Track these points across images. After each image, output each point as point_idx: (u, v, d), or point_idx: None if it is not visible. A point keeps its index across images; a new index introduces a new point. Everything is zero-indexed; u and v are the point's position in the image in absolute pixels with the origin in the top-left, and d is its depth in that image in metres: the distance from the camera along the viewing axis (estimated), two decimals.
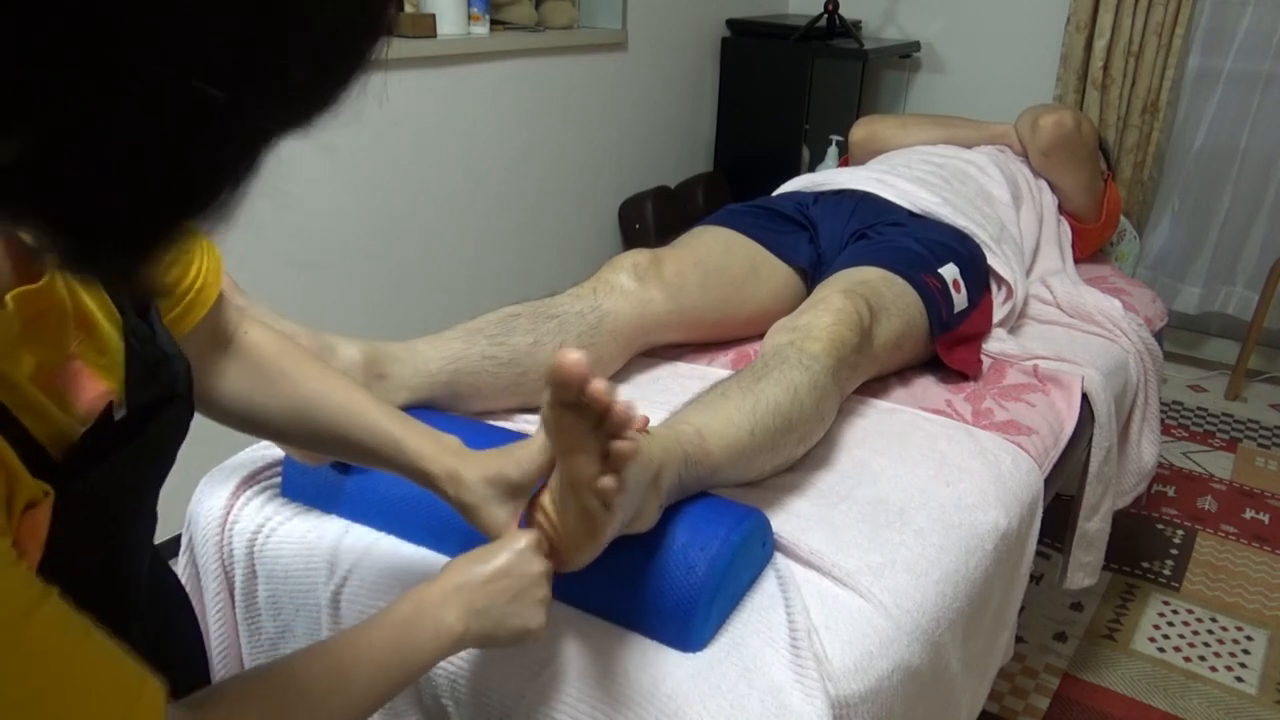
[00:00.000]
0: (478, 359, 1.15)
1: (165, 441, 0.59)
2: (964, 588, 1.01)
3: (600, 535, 0.75)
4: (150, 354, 0.58)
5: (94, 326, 0.54)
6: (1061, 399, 1.41)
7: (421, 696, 0.90)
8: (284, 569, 1.02)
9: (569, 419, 0.69)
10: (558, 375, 0.66)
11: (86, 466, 0.51)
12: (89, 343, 0.54)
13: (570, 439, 0.70)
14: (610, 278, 1.32)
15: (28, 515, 0.46)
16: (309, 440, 0.80)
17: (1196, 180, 2.97)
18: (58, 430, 0.50)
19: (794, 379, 1.08)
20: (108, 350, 0.55)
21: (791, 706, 0.80)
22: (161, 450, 0.59)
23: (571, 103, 2.62)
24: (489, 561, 0.72)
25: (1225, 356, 3.07)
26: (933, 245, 1.50)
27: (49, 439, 0.49)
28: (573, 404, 0.68)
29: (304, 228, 2.02)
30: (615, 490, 0.70)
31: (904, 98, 3.34)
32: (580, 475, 0.71)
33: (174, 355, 0.60)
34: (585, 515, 0.73)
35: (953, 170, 1.80)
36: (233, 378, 0.76)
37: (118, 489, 0.55)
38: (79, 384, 0.53)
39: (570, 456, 0.71)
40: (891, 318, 1.31)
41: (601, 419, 0.69)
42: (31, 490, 0.46)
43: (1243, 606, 1.94)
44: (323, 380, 0.79)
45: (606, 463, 0.70)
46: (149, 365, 0.57)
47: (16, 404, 0.47)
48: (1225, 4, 2.80)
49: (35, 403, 0.49)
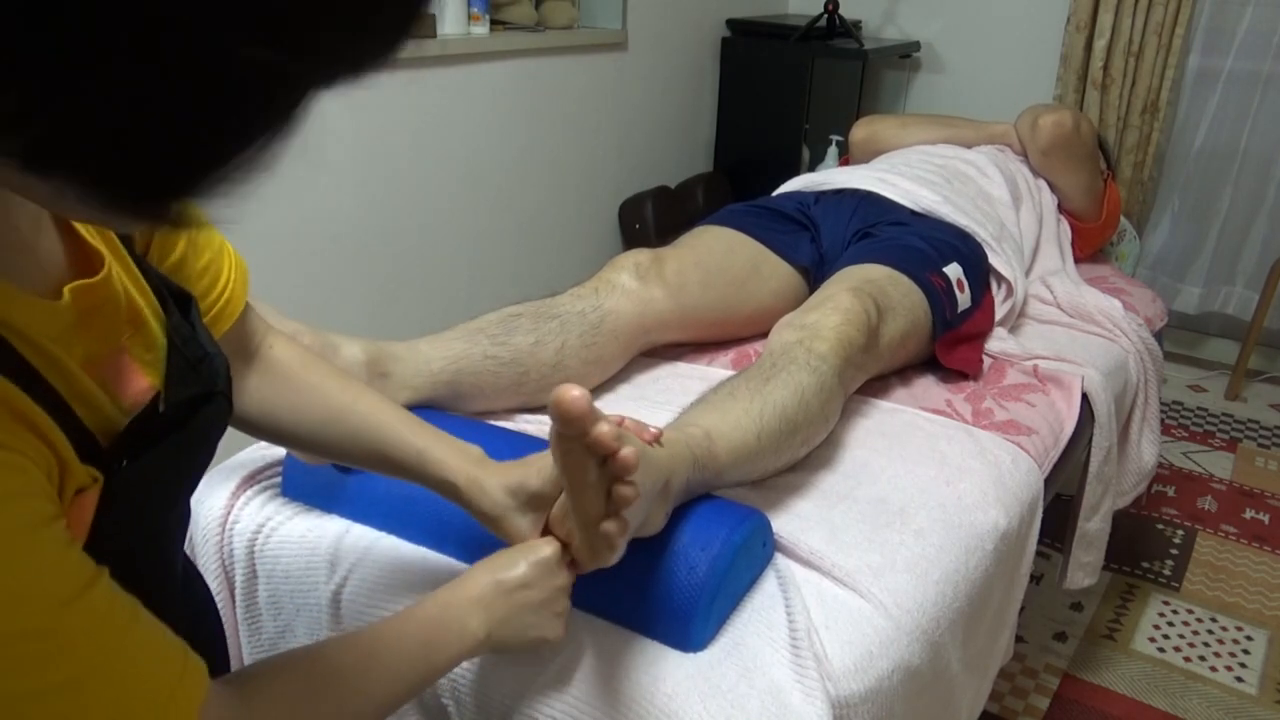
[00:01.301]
0: (479, 359, 1.15)
1: (207, 435, 0.60)
2: (964, 588, 1.01)
3: (606, 563, 0.76)
4: (191, 351, 0.60)
5: (143, 323, 0.56)
6: (1061, 399, 1.42)
7: (422, 696, 0.90)
8: (284, 569, 1.02)
9: (575, 453, 0.69)
10: (558, 411, 0.66)
11: (133, 455, 0.52)
12: (137, 338, 0.56)
13: (576, 473, 0.70)
14: (612, 277, 1.32)
15: (77, 500, 0.48)
16: (333, 452, 0.82)
17: (1196, 180, 2.97)
18: (106, 419, 0.52)
19: (801, 381, 1.08)
20: (154, 347, 0.57)
21: (791, 706, 0.80)
22: (203, 443, 0.60)
23: (571, 103, 2.62)
24: (512, 570, 0.73)
25: (1225, 356, 3.07)
26: (937, 244, 1.50)
27: (97, 428, 0.51)
28: (577, 439, 0.68)
29: (305, 227, 2.02)
30: (617, 533, 0.71)
31: (904, 98, 3.34)
32: (586, 512, 0.72)
33: (214, 353, 0.62)
34: (591, 546, 0.74)
35: (953, 171, 1.80)
36: (257, 389, 0.77)
37: (160, 478, 0.56)
38: (126, 377, 0.55)
39: (576, 492, 0.72)
40: (898, 317, 1.31)
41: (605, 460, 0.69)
42: (81, 477, 0.48)
43: (1243, 606, 1.94)
44: (347, 393, 0.81)
45: (609, 504, 0.71)
46: (190, 362, 0.59)
47: (69, 392, 0.49)
48: (1225, 4, 2.80)
49: (87, 392, 0.51)
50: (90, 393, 0.51)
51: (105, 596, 0.46)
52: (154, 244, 0.63)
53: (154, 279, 0.59)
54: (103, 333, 0.53)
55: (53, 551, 0.44)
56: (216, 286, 0.70)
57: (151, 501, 0.57)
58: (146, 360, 0.56)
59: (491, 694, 0.85)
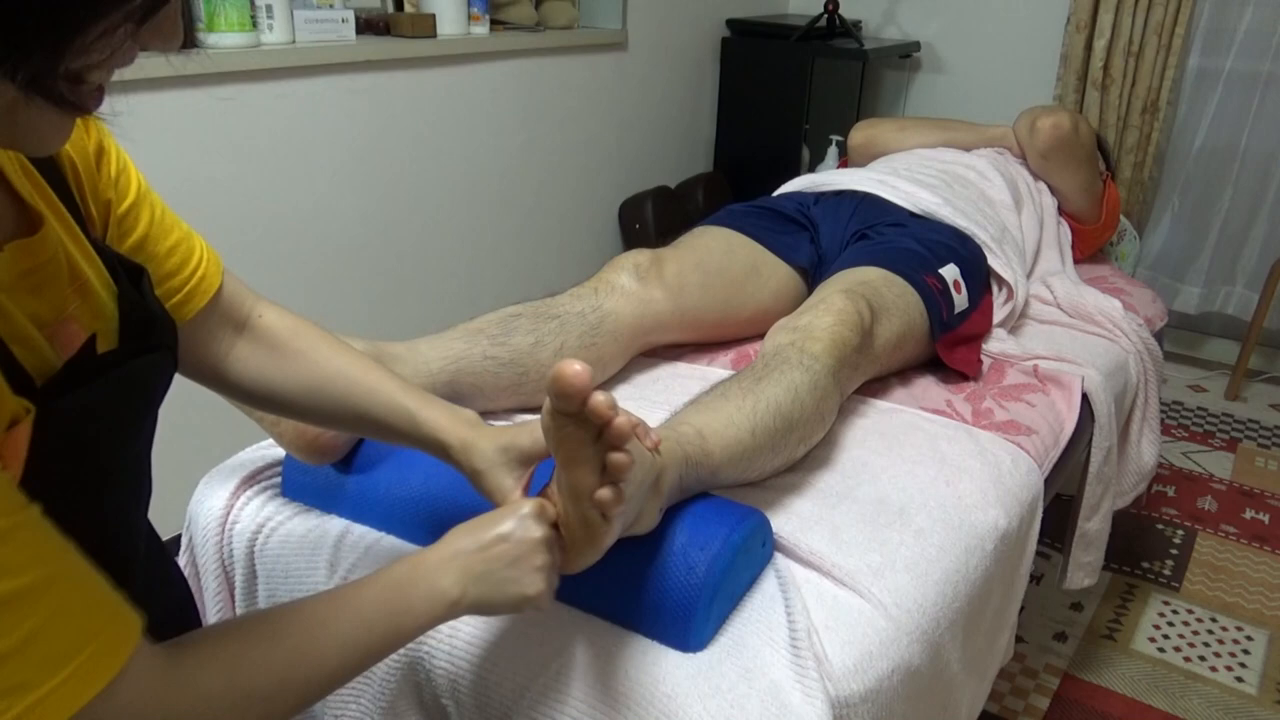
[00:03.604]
0: (479, 359, 1.15)
1: (146, 382, 0.60)
2: (964, 588, 1.01)
3: (600, 543, 0.75)
4: (139, 316, 0.61)
5: (90, 291, 0.57)
6: (1061, 399, 1.42)
7: (421, 696, 0.90)
8: (284, 569, 1.02)
9: (569, 429, 0.69)
10: (558, 386, 0.66)
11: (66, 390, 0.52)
12: (84, 306, 0.57)
13: (570, 448, 0.70)
14: (611, 278, 1.32)
15: (10, 433, 0.47)
16: (327, 416, 0.83)
17: (1196, 180, 2.97)
18: (44, 362, 0.52)
19: (794, 379, 1.09)
20: (103, 314, 0.58)
21: (791, 706, 0.80)
22: (142, 389, 0.60)
23: (571, 103, 2.62)
24: (489, 528, 0.71)
25: (1225, 356, 3.07)
26: (934, 246, 1.50)
27: (34, 369, 0.51)
28: (573, 414, 0.68)
29: (304, 227, 2.02)
30: (613, 502, 0.71)
31: (904, 98, 3.34)
32: (579, 485, 0.71)
33: (160, 316, 0.64)
34: (585, 523, 0.74)
35: (954, 174, 1.81)
36: (248, 358, 0.79)
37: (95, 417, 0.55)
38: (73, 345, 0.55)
39: (570, 466, 0.71)
40: (892, 318, 1.32)
41: (601, 431, 0.69)
42: (13, 407, 0.48)
43: (1243, 606, 1.94)
44: (338, 358, 0.82)
45: (605, 475, 0.70)
46: (139, 326, 0.60)
47: (7, 333, 0.50)
48: (1225, 4, 2.80)
49: (27, 335, 0.51)
50: (31, 337, 0.52)
51: (38, 524, 0.46)
52: (111, 225, 0.66)
53: (107, 255, 0.61)
54: (48, 296, 0.54)
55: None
56: (189, 265, 0.72)
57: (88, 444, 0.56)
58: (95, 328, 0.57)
59: (491, 694, 0.85)
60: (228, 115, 1.82)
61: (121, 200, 0.66)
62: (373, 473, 1.02)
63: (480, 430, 0.81)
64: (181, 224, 0.73)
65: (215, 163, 1.82)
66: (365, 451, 1.03)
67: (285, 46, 1.87)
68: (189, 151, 1.78)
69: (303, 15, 1.90)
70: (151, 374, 0.61)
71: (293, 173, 1.96)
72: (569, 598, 0.88)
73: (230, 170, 1.85)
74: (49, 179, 0.59)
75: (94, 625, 0.47)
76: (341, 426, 0.85)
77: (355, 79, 2.02)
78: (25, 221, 0.55)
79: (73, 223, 0.59)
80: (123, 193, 0.67)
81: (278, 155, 1.93)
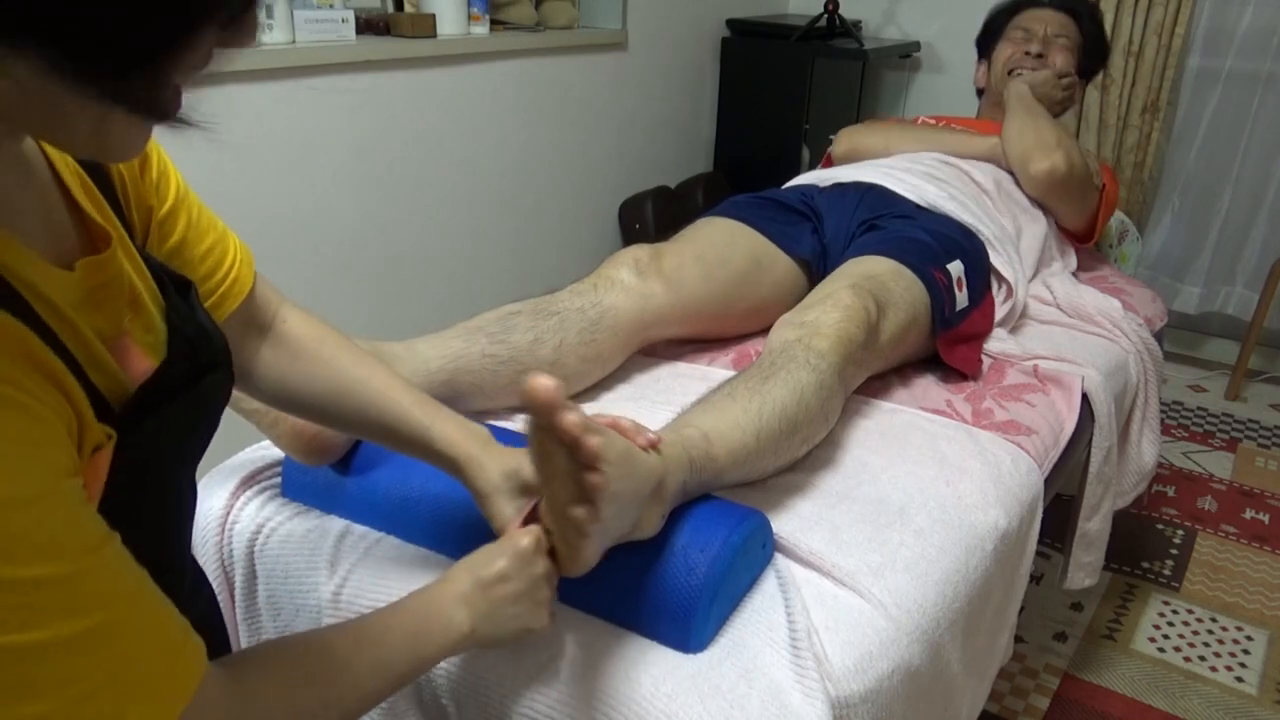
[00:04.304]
0: (478, 357, 1.15)
1: (211, 401, 0.62)
2: (964, 588, 1.01)
3: (580, 557, 0.75)
4: (189, 330, 0.61)
5: (142, 306, 0.58)
6: (1061, 399, 1.41)
7: (421, 696, 0.90)
8: (284, 569, 1.01)
9: (547, 444, 0.69)
10: (528, 400, 0.66)
11: (144, 415, 0.54)
12: (137, 321, 0.58)
13: (547, 464, 0.71)
14: (611, 273, 1.32)
15: (93, 458, 0.49)
16: (343, 422, 0.84)
17: (1196, 180, 2.97)
18: (118, 386, 0.54)
19: (801, 380, 1.08)
20: (152, 329, 0.59)
21: (791, 707, 0.80)
22: (207, 410, 0.62)
23: (571, 103, 2.62)
24: (490, 566, 0.74)
25: (1225, 356, 3.07)
26: (942, 239, 1.49)
27: (109, 393, 0.52)
28: (548, 428, 0.68)
29: (304, 228, 2.01)
30: (586, 520, 0.71)
31: (904, 98, 3.34)
32: (556, 501, 0.72)
33: (213, 331, 0.64)
34: (564, 539, 0.74)
35: (954, 172, 1.80)
36: (272, 362, 0.80)
37: (169, 440, 0.58)
38: (129, 359, 0.56)
39: (549, 482, 0.72)
40: (898, 311, 1.31)
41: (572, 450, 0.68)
42: (97, 434, 0.49)
43: (1243, 606, 1.94)
44: (359, 368, 0.83)
45: (579, 491, 0.70)
46: (189, 340, 0.61)
47: (85, 358, 0.51)
48: (1225, 4, 2.80)
49: (101, 359, 0.52)
50: (104, 360, 0.53)
51: (121, 554, 0.47)
52: (152, 231, 0.66)
53: (154, 266, 0.61)
54: (109, 312, 0.55)
55: (75, 502, 0.45)
56: (222, 267, 0.73)
57: (160, 465, 0.58)
58: (146, 343, 0.58)
59: (491, 694, 0.85)
60: (228, 115, 1.82)
61: (162, 204, 0.67)
62: (373, 473, 1.02)
63: (490, 450, 0.82)
64: (217, 223, 0.74)
65: (215, 163, 1.82)
66: (365, 451, 1.03)
67: (285, 46, 1.87)
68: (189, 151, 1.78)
69: (303, 15, 1.90)
70: (216, 395, 0.63)
71: (293, 173, 1.96)
72: (569, 599, 0.88)
73: (230, 170, 1.85)
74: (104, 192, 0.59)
75: (169, 655, 0.49)
76: (357, 433, 0.87)
77: (355, 79, 2.02)
78: (88, 238, 0.56)
79: (125, 236, 0.59)
80: (163, 197, 0.67)
81: (278, 155, 1.93)
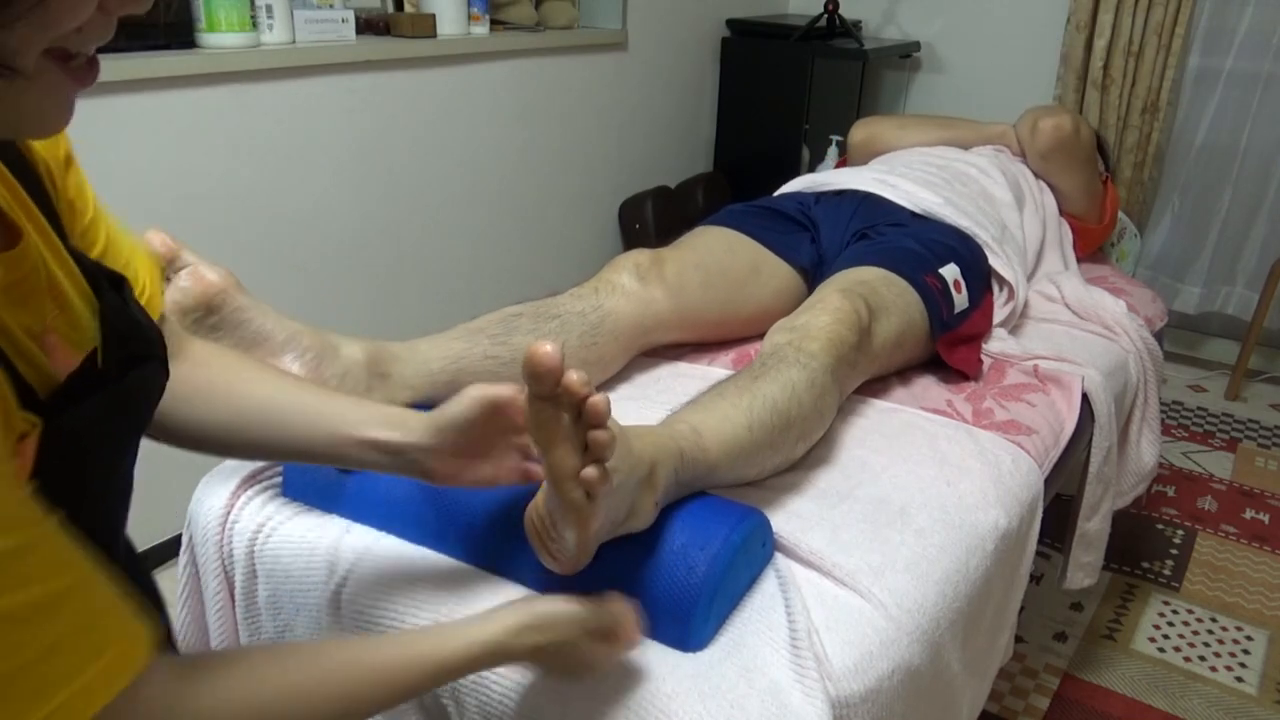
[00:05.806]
0: (480, 359, 1.15)
1: (143, 392, 0.61)
2: (964, 588, 1.01)
3: (587, 527, 0.75)
4: (122, 324, 0.60)
5: (67, 302, 0.57)
6: (1062, 399, 1.42)
7: (421, 696, 0.90)
8: (284, 569, 1.01)
9: (548, 412, 0.70)
10: (531, 367, 0.67)
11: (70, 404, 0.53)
12: (62, 316, 0.57)
13: (550, 432, 0.71)
14: (612, 277, 1.32)
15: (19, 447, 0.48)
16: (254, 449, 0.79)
17: (1196, 180, 2.97)
18: (45, 377, 0.53)
19: (791, 376, 1.09)
20: (79, 325, 0.58)
21: (791, 706, 0.80)
22: (138, 402, 0.61)
23: (571, 103, 2.62)
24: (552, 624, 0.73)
25: (1225, 356, 3.07)
26: (934, 245, 1.50)
27: (36, 383, 0.52)
28: (550, 397, 0.69)
29: (304, 228, 2.02)
30: (598, 480, 0.71)
31: (904, 98, 3.34)
32: (562, 468, 0.72)
33: (145, 324, 0.63)
34: (570, 508, 0.74)
35: (955, 172, 1.80)
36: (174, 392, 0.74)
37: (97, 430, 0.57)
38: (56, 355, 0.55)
39: (551, 450, 0.72)
40: (891, 317, 1.32)
41: (579, 410, 0.69)
42: (20, 423, 0.49)
43: (1243, 606, 1.94)
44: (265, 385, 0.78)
45: (587, 454, 0.71)
46: (121, 334, 0.60)
47: (10, 348, 0.50)
48: (1225, 4, 2.80)
49: (27, 350, 0.52)
50: (30, 351, 0.52)
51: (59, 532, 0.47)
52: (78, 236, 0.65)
53: (87, 264, 0.60)
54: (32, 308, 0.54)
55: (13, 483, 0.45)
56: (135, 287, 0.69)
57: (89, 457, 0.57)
58: (73, 339, 0.57)
59: (492, 694, 0.85)
60: (228, 115, 1.82)
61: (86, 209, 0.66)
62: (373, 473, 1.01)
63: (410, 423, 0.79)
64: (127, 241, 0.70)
65: (215, 163, 1.82)
66: None
67: (285, 46, 1.87)
68: (189, 152, 1.78)
69: (303, 15, 1.90)
70: (147, 387, 0.62)
71: (293, 173, 1.96)
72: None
73: (230, 170, 1.85)
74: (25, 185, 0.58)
75: (115, 629, 0.49)
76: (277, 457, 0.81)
77: (355, 79, 2.02)
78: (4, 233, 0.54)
79: (50, 230, 0.58)
80: (81, 209, 0.65)
81: (278, 155, 1.93)
